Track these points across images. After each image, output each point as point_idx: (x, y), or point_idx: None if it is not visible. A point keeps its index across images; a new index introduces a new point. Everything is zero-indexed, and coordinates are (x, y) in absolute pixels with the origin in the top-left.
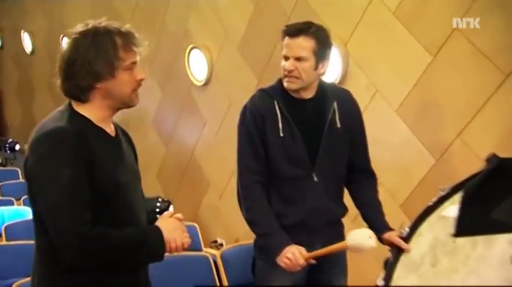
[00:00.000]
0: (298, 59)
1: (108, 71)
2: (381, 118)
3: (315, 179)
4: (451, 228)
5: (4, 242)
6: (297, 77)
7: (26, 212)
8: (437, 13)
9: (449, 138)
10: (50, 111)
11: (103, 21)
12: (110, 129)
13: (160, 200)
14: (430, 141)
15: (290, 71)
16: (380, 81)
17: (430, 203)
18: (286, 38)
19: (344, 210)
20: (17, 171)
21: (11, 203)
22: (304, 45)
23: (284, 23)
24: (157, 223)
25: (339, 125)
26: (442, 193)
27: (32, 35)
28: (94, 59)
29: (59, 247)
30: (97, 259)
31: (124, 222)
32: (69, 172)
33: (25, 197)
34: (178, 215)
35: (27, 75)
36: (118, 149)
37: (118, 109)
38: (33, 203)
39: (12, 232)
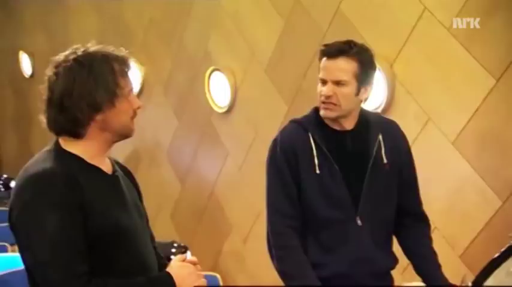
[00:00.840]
0: (338, 83)
1: (109, 100)
2: (435, 152)
3: (359, 223)
4: None
5: None
6: (335, 104)
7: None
8: (500, 29)
9: None
10: (49, 142)
11: (92, 45)
12: (105, 166)
13: (175, 245)
14: (494, 178)
15: (328, 97)
16: (433, 108)
17: (497, 255)
18: (324, 59)
19: (394, 261)
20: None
21: (5, 250)
22: (345, 67)
23: (319, 41)
24: (169, 269)
25: (385, 160)
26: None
27: (32, 57)
28: (94, 89)
29: None
30: None
31: (130, 270)
32: (57, 219)
33: None
34: (192, 258)
35: (25, 102)
36: (116, 187)
37: (114, 142)
38: (21, 255)
39: (5, 284)
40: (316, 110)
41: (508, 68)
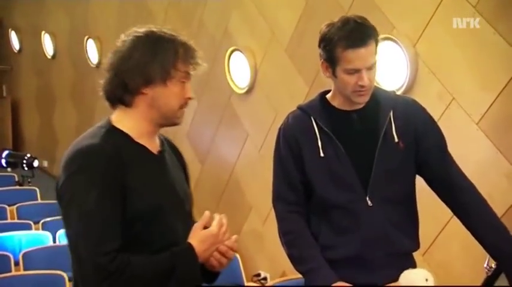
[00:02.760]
0: (369, 67)
1: (161, 77)
2: (458, 133)
3: (369, 203)
4: None
5: (21, 272)
6: (369, 89)
7: (46, 238)
8: None
9: None
10: (72, 123)
11: (167, 29)
12: (153, 146)
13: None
14: None
15: (366, 85)
16: (457, 88)
17: None
18: (350, 50)
19: (414, 243)
20: (35, 191)
21: (29, 228)
22: (373, 50)
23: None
24: (190, 239)
25: (396, 138)
26: None
27: (54, 37)
28: (150, 61)
29: (81, 277)
30: None
31: (164, 248)
32: (95, 195)
33: (44, 220)
34: (205, 220)
35: (48, 83)
36: (159, 167)
37: (161, 125)
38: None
39: (30, 260)
40: (323, 95)
41: None
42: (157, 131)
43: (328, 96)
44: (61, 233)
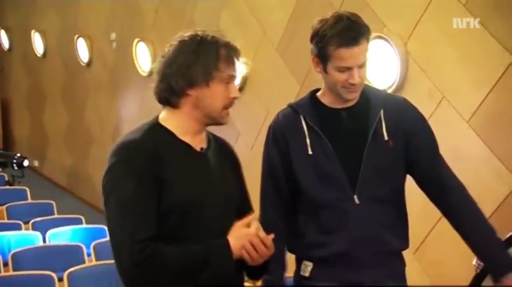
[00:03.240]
0: (361, 65)
1: (204, 78)
2: (449, 131)
3: (356, 201)
4: None
5: (11, 273)
6: (359, 86)
7: (36, 238)
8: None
9: None
10: (63, 122)
11: (212, 32)
12: (197, 143)
13: None
14: (509, 158)
15: (357, 84)
16: (447, 86)
17: (511, 234)
18: (343, 48)
19: (404, 242)
20: (26, 191)
21: (19, 228)
22: (365, 48)
23: None
24: (229, 236)
25: (386, 137)
26: None
27: (44, 36)
28: (193, 64)
29: (116, 264)
30: (148, 279)
31: (199, 243)
32: (131, 188)
33: (34, 220)
34: (248, 218)
35: (38, 82)
36: (200, 164)
37: (206, 124)
38: None
39: (19, 260)
40: (313, 93)
41: None
42: (202, 129)
43: (318, 94)
44: (51, 233)
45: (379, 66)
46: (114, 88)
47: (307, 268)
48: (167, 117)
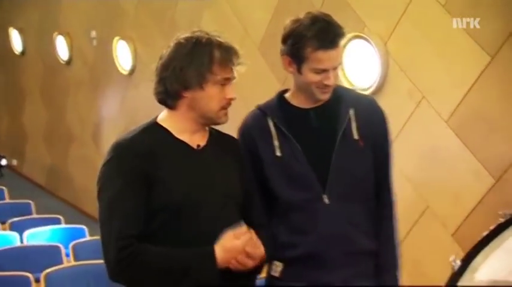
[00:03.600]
0: (336, 67)
1: (197, 81)
2: (428, 130)
3: (326, 201)
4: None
5: None
6: (332, 87)
7: (13, 238)
8: (496, 5)
9: (511, 153)
10: (42, 120)
11: (211, 32)
12: (194, 141)
13: None
14: (487, 157)
15: (331, 84)
16: (427, 86)
17: (487, 233)
18: (321, 51)
19: (374, 242)
20: (3, 190)
21: None
22: (341, 50)
23: None
24: (217, 246)
25: (356, 136)
26: (502, 220)
27: (22, 33)
28: (186, 67)
29: (104, 261)
30: (130, 276)
31: (193, 239)
32: (119, 184)
33: (12, 220)
34: (240, 231)
35: (16, 79)
36: (197, 162)
37: (204, 124)
38: None
39: None
40: (281, 94)
41: (503, 45)
42: (201, 128)
43: (287, 95)
44: (29, 233)
45: (360, 66)
46: (95, 86)
47: (278, 268)
48: (165, 118)
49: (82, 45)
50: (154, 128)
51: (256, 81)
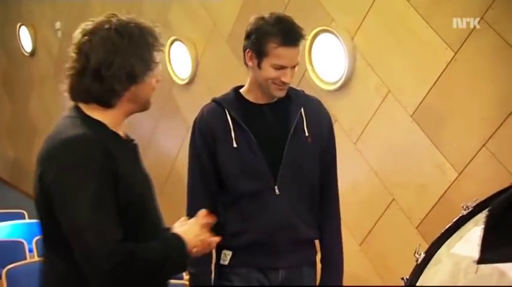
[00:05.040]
0: (294, 66)
1: (145, 73)
2: (394, 124)
3: (277, 192)
4: (474, 254)
5: None
6: (288, 85)
7: None
8: (460, 1)
9: (474, 148)
10: (5, 113)
11: (123, 14)
12: (123, 133)
13: None
14: (451, 151)
15: (288, 82)
16: (393, 81)
17: (450, 224)
18: (284, 47)
19: (315, 232)
20: None
21: None
22: (300, 50)
23: (281, 11)
24: (176, 231)
25: (307, 133)
26: (464, 213)
27: None
28: (135, 61)
29: (88, 269)
30: (128, 278)
31: (150, 236)
32: (96, 186)
33: None
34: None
35: None
36: (135, 155)
37: (132, 114)
38: (46, 223)
39: None
40: (237, 89)
41: (466, 40)
42: (125, 119)
43: (242, 90)
44: None
45: (327, 60)
46: (60, 79)
47: (227, 256)
48: (94, 111)
49: (46, 37)
50: (91, 122)
51: (224, 75)
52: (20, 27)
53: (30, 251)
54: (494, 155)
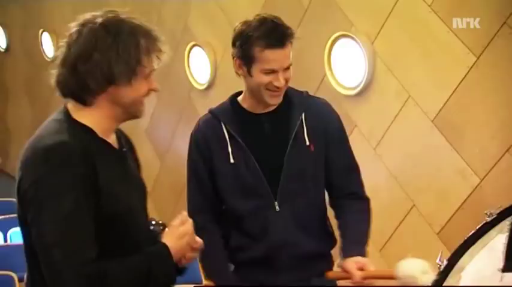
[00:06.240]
0: (286, 68)
1: (126, 76)
2: (414, 130)
3: (277, 208)
4: (498, 262)
5: None
6: (283, 90)
7: None
8: (481, 6)
9: (497, 153)
10: (27, 118)
11: (123, 12)
12: (113, 141)
13: (153, 223)
14: (473, 157)
15: (281, 87)
16: (413, 86)
17: (473, 231)
18: (270, 50)
19: (324, 244)
20: None
21: None
22: (290, 51)
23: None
24: (164, 239)
25: (307, 142)
26: (487, 220)
27: (7, 29)
28: (114, 61)
29: (52, 285)
30: None
31: (134, 247)
32: (72, 200)
33: None
34: (183, 217)
35: (1, 76)
36: (124, 164)
37: (123, 120)
38: (24, 231)
39: None
40: (234, 98)
41: (488, 45)
42: (118, 125)
43: (239, 98)
44: (13, 232)
45: (347, 65)
46: None
47: (230, 269)
48: (81, 114)
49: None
50: (76, 127)
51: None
52: (42, 33)
53: None
54: None
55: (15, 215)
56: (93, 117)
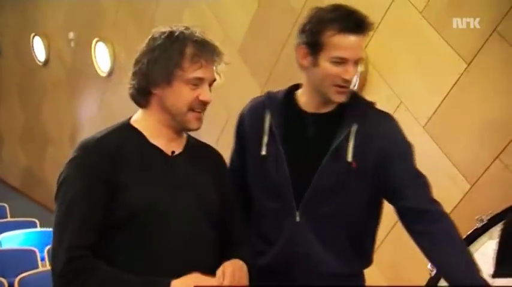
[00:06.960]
0: (357, 62)
1: (164, 77)
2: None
3: (297, 219)
4: (488, 267)
5: None
6: (349, 87)
7: None
8: (471, 13)
9: (488, 159)
10: (18, 121)
11: (192, 27)
12: (169, 147)
13: None
14: (464, 163)
15: (350, 80)
16: (405, 92)
17: (464, 237)
18: (343, 34)
19: (347, 264)
20: None
21: None
22: (364, 43)
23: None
24: (175, 281)
25: (350, 157)
26: (478, 225)
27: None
28: (153, 63)
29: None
30: None
31: (157, 261)
32: (79, 188)
33: None
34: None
35: None
36: (168, 168)
37: (176, 129)
38: None
39: None
40: (293, 88)
41: (479, 52)
42: (177, 135)
43: (297, 92)
44: (3, 237)
45: None
46: (73, 88)
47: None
48: (139, 119)
49: (60, 47)
50: (125, 129)
51: (235, 84)
52: (33, 37)
53: (42, 259)
54: (507, 167)
55: (5, 219)
56: (146, 122)
